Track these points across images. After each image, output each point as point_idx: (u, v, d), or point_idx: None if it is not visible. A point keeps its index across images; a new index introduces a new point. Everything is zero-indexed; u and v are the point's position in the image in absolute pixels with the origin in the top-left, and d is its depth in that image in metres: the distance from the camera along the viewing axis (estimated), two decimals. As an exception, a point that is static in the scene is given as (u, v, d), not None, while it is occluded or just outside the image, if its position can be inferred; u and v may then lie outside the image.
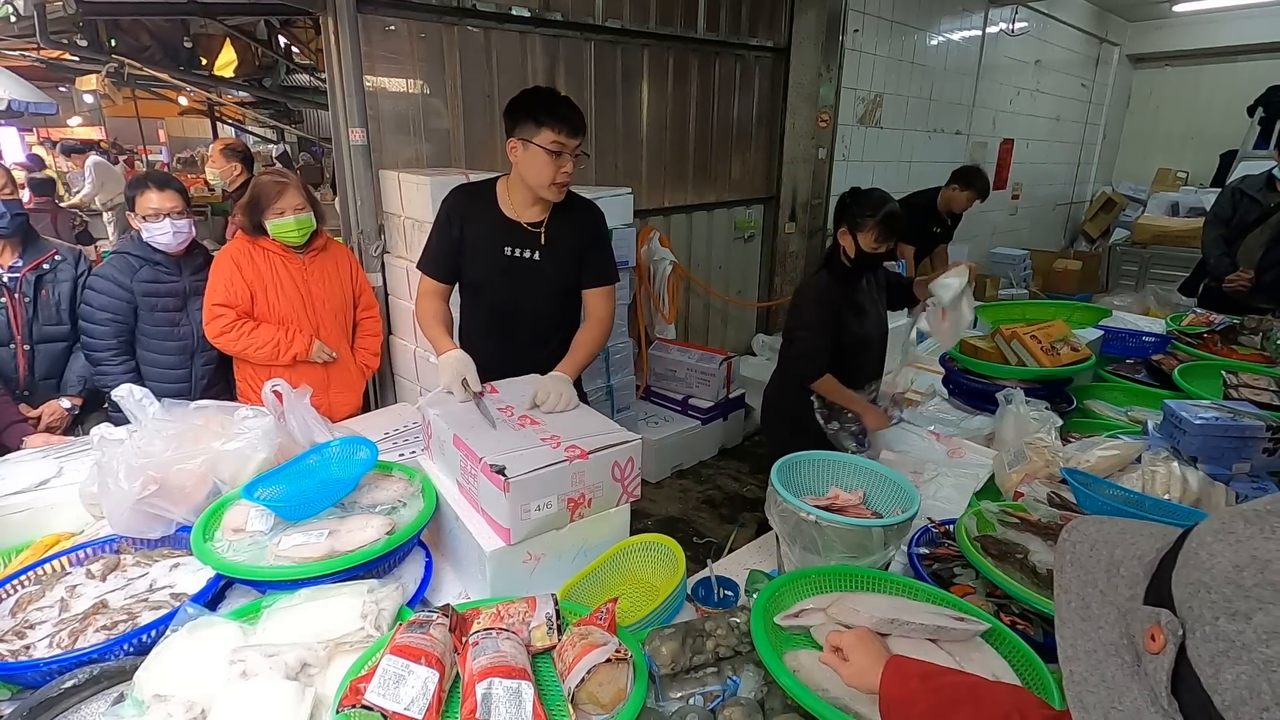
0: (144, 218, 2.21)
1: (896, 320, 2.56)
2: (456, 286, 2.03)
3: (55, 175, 7.85)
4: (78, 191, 7.18)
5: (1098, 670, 0.43)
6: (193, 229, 2.32)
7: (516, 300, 1.96)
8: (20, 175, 5.73)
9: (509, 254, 1.92)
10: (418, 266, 2.00)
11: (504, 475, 1.24)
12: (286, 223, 2.26)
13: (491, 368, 1.78)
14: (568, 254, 1.94)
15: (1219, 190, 4.23)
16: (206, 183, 7.83)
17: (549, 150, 1.76)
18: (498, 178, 1.96)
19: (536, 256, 1.92)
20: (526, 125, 1.77)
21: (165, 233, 2.23)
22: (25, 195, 6.17)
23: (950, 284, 2.16)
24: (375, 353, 2.62)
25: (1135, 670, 0.41)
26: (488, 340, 1.99)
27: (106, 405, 2.36)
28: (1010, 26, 6.48)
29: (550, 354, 1.92)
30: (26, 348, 2.24)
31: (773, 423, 2.48)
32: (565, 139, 1.77)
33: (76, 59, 5.59)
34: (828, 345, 2.16)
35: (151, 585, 1.28)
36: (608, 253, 2.03)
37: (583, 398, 1.88)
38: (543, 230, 1.91)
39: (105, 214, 7.06)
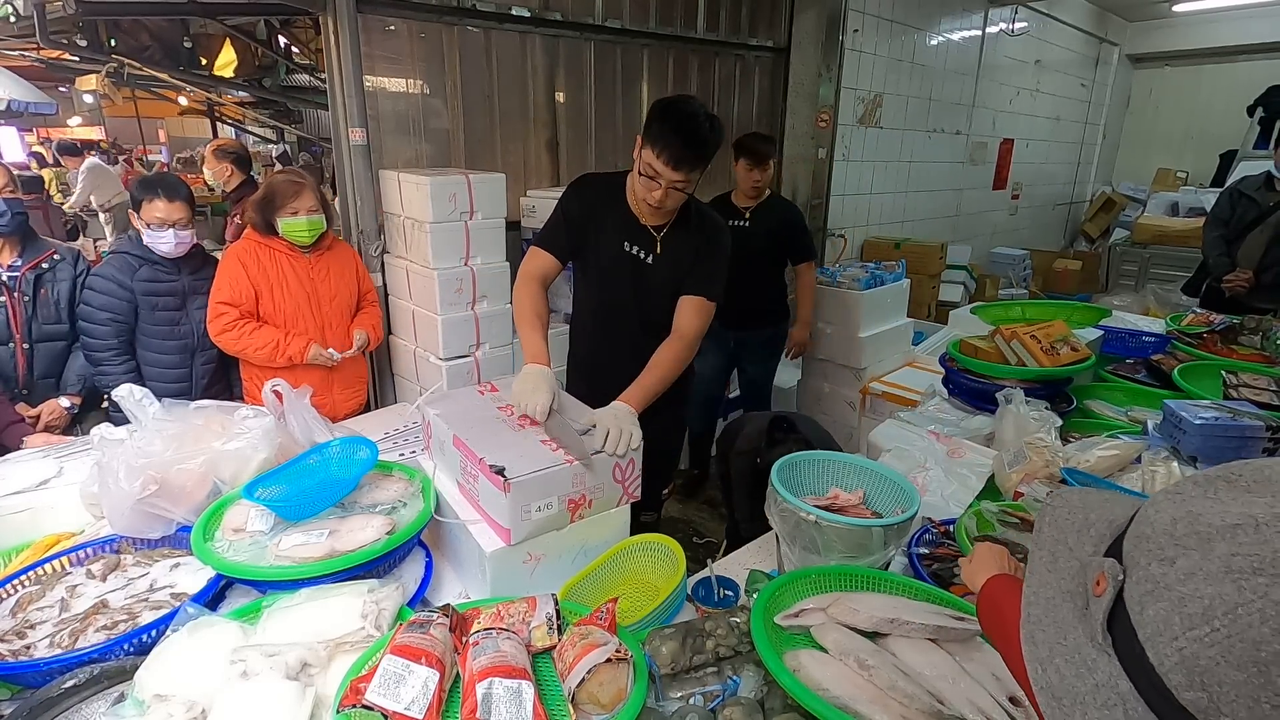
0: (148, 224, 2.22)
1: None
2: (570, 277, 1.98)
3: (53, 175, 7.84)
4: (71, 194, 7.17)
5: (1051, 613, 0.47)
6: (194, 237, 2.33)
7: (627, 299, 1.92)
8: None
9: (628, 250, 1.87)
10: (533, 242, 1.91)
11: (504, 476, 1.24)
12: (298, 222, 2.28)
13: (589, 363, 1.82)
14: (681, 266, 1.86)
15: (1219, 190, 4.22)
16: (206, 183, 7.82)
17: (642, 170, 1.70)
18: (625, 172, 1.89)
19: (650, 260, 1.87)
20: (646, 133, 1.68)
21: (167, 241, 2.25)
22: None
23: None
24: (376, 322, 2.66)
25: (1084, 613, 0.45)
26: (593, 334, 1.98)
27: (106, 405, 2.36)
28: (1010, 26, 6.47)
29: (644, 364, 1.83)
30: (26, 346, 2.24)
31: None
32: (662, 168, 1.65)
33: (76, 59, 5.59)
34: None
35: (152, 585, 1.28)
36: (716, 268, 1.90)
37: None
38: (660, 237, 1.86)
39: (101, 215, 7.05)
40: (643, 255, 1.87)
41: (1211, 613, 0.37)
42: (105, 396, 2.34)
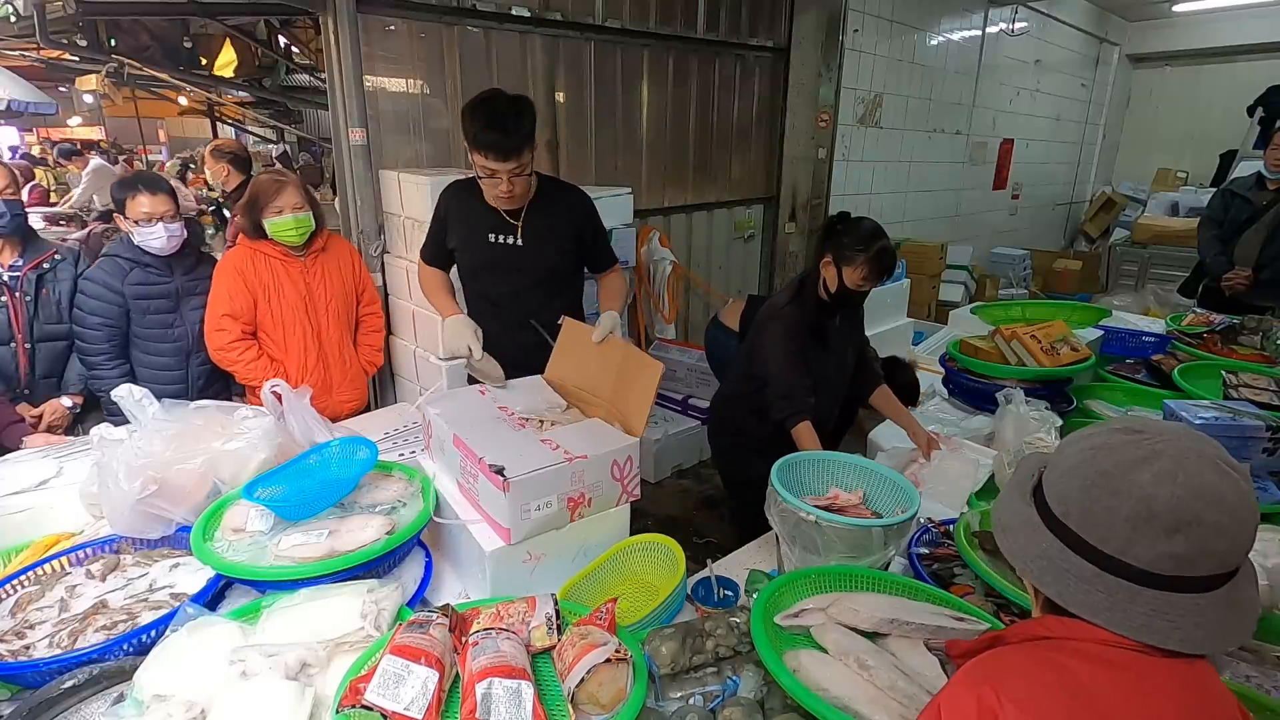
0: (136, 222, 2.17)
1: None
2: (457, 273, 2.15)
3: (44, 174, 7.86)
4: (71, 195, 7.17)
5: (1009, 497, 0.80)
6: (184, 230, 2.29)
7: (505, 284, 2.03)
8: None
9: (493, 240, 1.99)
10: (420, 252, 2.15)
11: (503, 475, 1.24)
12: (284, 221, 2.24)
13: (490, 350, 1.87)
14: (548, 239, 1.99)
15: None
16: (206, 183, 7.82)
17: (478, 174, 1.81)
18: None
19: (520, 242, 1.98)
20: (465, 138, 1.78)
21: (159, 237, 2.20)
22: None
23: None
24: (379, 349, 2.63)
25: (1024, 491, 0.78)
26: (486, 323, 2.04)
27: (104, 408, 2.35)
28: (1010, 26, 6.48)
29: (540, 336, 1.95)
30: (27, 346, 2.24)
31: (722, 439, 2.35)
32: (493, 164, 1.75)
33: (76, 59, 5.59)
34: (806, 382, 1.93)
35: (151, 585, 1.28)
36: (599, 236, 2.10)
37: None
38: (520, 221, 1.97)
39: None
40: (510, 240, 1.99)
41: (1069, 466, 0.72)
42: (104, 398, 2.33)
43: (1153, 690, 0.65)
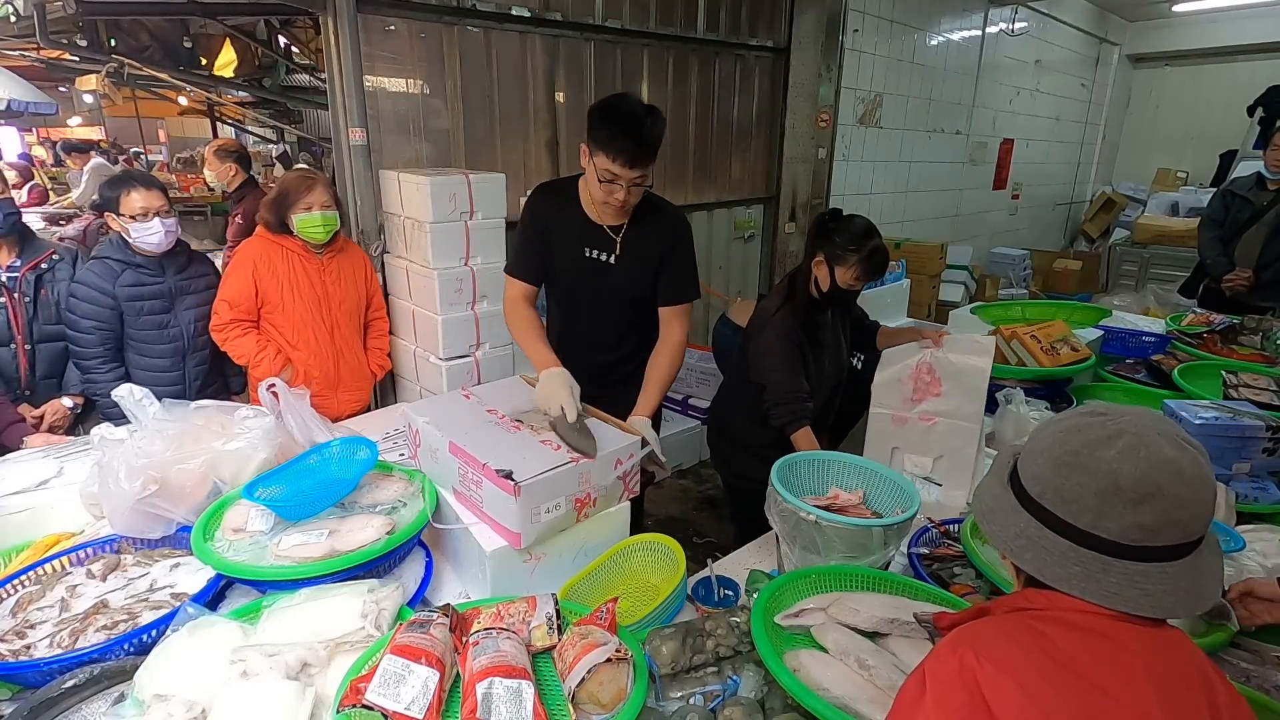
0: (131, 218, 2.15)
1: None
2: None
3: (50, 175, 7.85)
4: (71, 193, 7.17)
5: (989, 484, 0.85)
6: (179, 226, 2.29)
7: (591, 301, 1.94)
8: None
9: (588, 255, 1.87)
10: (505, 270, 1.96)
11: (513, 480, 1.24)
12: (313, 218, 2.29)
13: (567, 364, 1.78)
14: (644, 263, 1.87)
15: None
16: (206, 183, 7.81)
17: (600, 177, 1.72)
18: (578, 176, 1.90)
19: (611, 260, 1.87)
20: (592, 140, 1.71)
21: (155, 232, 2.18)
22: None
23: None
24: (387, 353, 2.69)
25: (1002, 478, 0.83)
26: (565, 336, 2.00)
27: (100, 412, 2.34)
28: (1010, 26, 6.47)
29: (621, 359, 1.94)
30: (28, 347, 2.23)
31: (722, 444, 2.30)
32: (620, 169, 1.67)
33: (76, 59, 5.58)
34: (803, 386, 1.94)
35: (152, 585, 1.28)
36: (688, 268, 1.93)
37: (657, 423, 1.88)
38: (620, 237, 1.86)
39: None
40: (604, 258, 1.87)
41: (1041, 449, 0.77)
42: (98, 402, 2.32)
43: (1124, 654, 0.69)
